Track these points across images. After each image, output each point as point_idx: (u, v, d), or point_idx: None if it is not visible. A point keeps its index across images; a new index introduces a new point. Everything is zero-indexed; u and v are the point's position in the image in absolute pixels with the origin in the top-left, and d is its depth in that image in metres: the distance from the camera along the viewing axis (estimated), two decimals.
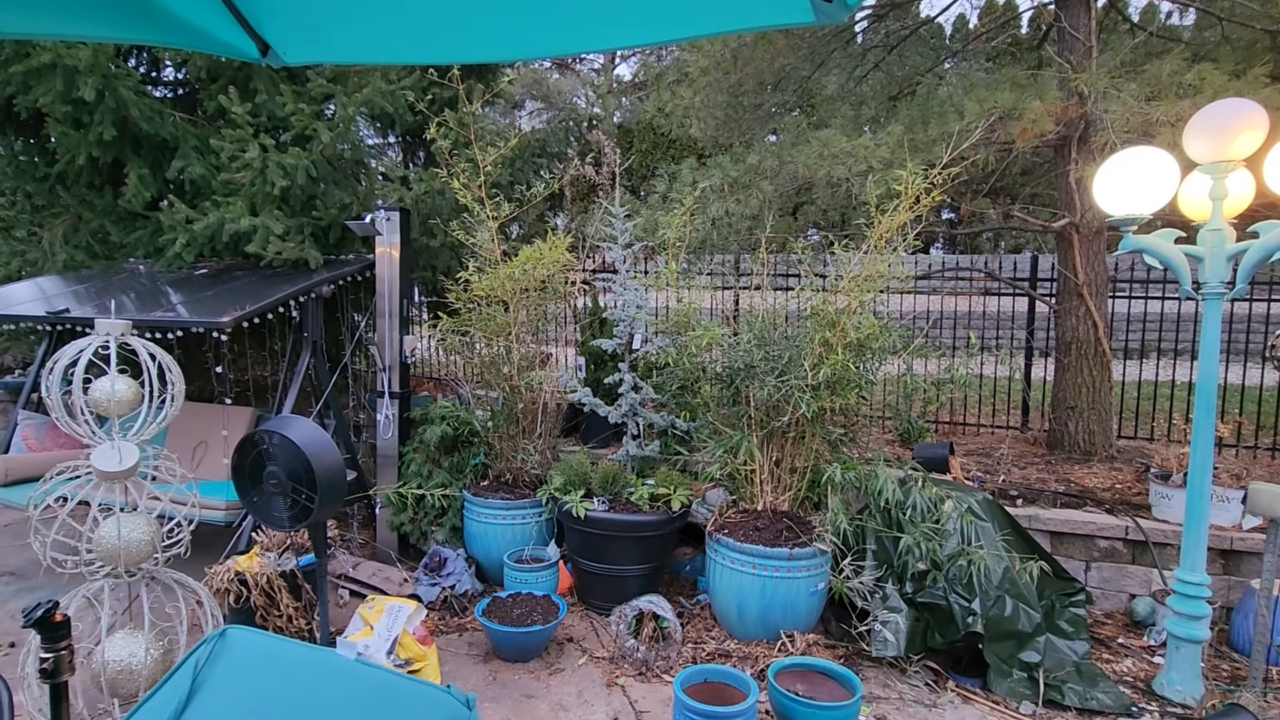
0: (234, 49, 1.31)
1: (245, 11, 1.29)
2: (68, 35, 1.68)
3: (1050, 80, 4.14)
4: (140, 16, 1.18)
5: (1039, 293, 5.40)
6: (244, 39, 1.33)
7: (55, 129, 4.35)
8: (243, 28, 1.32)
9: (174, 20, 1.22)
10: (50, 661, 1.27)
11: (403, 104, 4.57)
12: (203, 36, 1.27)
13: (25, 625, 1.29)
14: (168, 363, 2.62)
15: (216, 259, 4.82)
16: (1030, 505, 3.93)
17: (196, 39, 1.26)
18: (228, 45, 1.30)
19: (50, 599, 1.32)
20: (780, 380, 3.35)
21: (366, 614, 3.19)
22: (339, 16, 1.26)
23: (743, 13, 1.00)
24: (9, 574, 4.22)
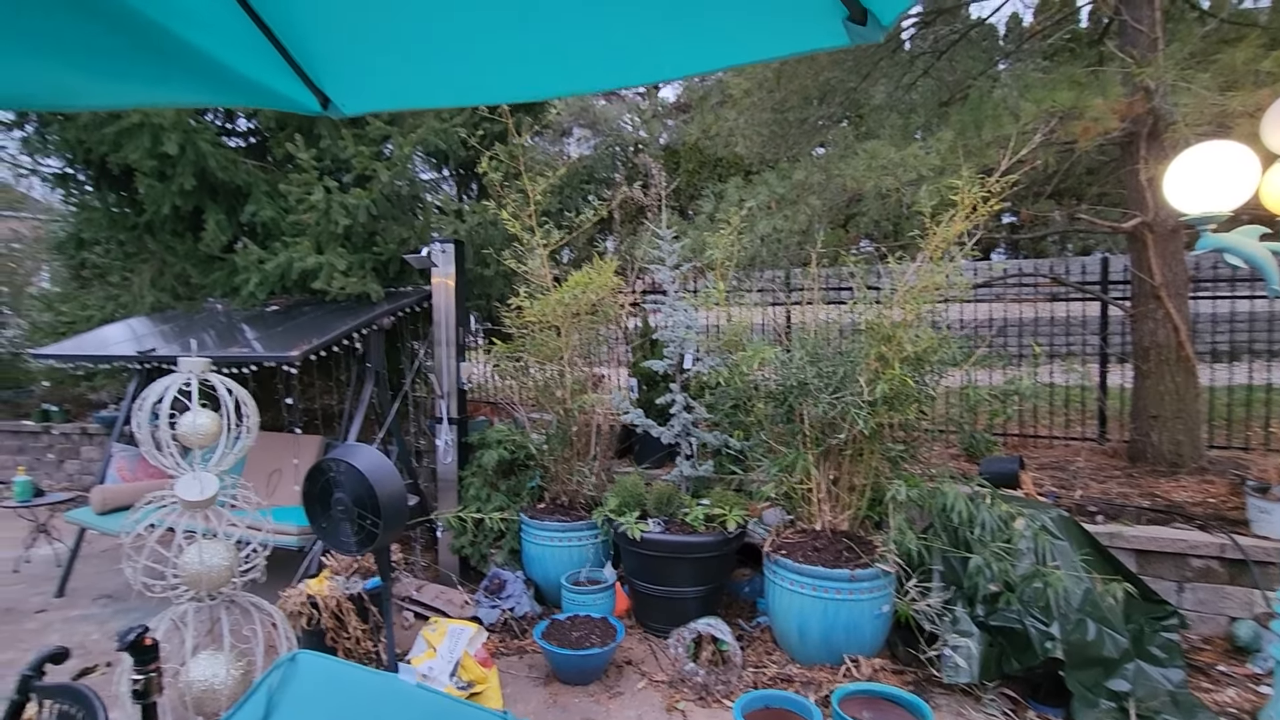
0: (298, 104, 1.40)
1: (306, 69, 1.39)
2: (152, 104, 1.83)
3: (1113, 76, 3.97)
4: (213, 81, 1.28)
5: (1112, 296, 5.13)
6: (306, 95, 1.43)
7: (143, 182, 4.72)
8: (305, 84, 1.41)
9: (243, 82, 1.32)
10: (141, 683, 1.35)
11: (455, 140, 4.76)
12: (270, 94, 1.36)
13: (119, 649, 1.38)
14: (243, 397, 2.77)
15: (286, 295, 5.10)
16: (1112, 522, 3.70)
17: (264, 97, 1.36)
18: (292, 101, 1.39)
19: (141, 624, 1.41)
20: (835, 397, 3.29)
21: (430, 636, 3.26)
22: (391, 68, 1.34)
23: (777, 41, 1.00)
24: (106, 596, 4.51)
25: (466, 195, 6.07)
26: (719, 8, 0.99)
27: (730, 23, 1.00)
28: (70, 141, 4.87)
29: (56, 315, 7.13)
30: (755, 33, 1.00)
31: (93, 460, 7.40)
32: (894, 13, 0.88)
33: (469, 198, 5.93)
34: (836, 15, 0.93)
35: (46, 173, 5.57)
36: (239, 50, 1.29)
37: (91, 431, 7.42)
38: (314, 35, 1.32)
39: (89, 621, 4.13)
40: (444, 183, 6.27)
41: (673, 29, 1.02)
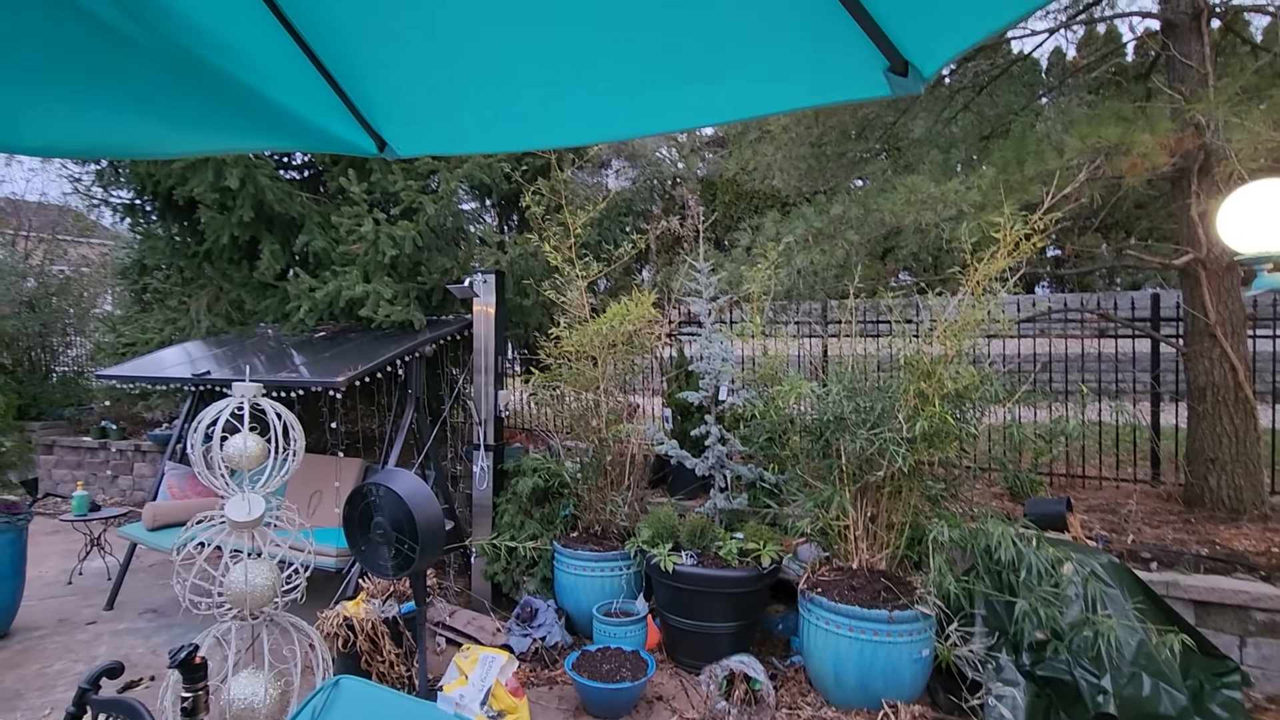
0: (356, 147, 1.49)
1: (365, 114, 1.47)
2: (225, 150, 1.96)
3: (1161, 111, 3.90)
4: (281, 127, 1.37)
5: (1163, 333, 4.96)
6: (365, 138, 1.51)
7: (205, 214, 4.98)
8: (363, 128, 1.50)
9: (308, 127, 1.41)
10: (190, 700, 1.40)
11: (499, 174, 4.92)
12: (331, 139, 1.45)
13: (170, 666, 1.43)
14: (291, 421, 2.87)
15: (333, 322, 5.27)
16: (1167, 570, 3.54)
17: (326, 142, 1.44)
18: (351, 144, 1.47)
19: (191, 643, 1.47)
20: (873, 433, 3.24)
21: (462, 663, 3.27)
22: (444, 114, 1.41)
23: (818, 91, 1.04)
24: (152, 611, 4.64)
25: (507, 226, 6.23)
26: (762, 60, 1.03)
27: (772, 73, 1.03)
28: (140, 175, 5.18)
29: (118, 337, 7.50)
30: (796, 83, 1.04)
31: (144, 477, 7.68)
32: (935, 65, 0.90)
33: (510, 229, 6.09)
34: (877, 66, 0.96)
35: (116, 203, 5.93)
36: (305, 98, 1.38)
37: (145, 449, 7.71)
38: (373, 83, 1.40)
39: (135, 635, 4.25)
40: (485, 214, 6.45)
41: (717, 79, 1.06)
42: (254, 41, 1.23)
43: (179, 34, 1.16)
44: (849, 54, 0.95)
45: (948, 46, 0.88)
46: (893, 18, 0.89)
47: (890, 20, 0.90)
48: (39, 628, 4.36)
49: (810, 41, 0.98)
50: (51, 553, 5.83)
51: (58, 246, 11.37)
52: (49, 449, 8.15)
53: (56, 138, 1.28)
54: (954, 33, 0.86)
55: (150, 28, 1.12)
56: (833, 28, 0.93)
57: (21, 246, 11.32)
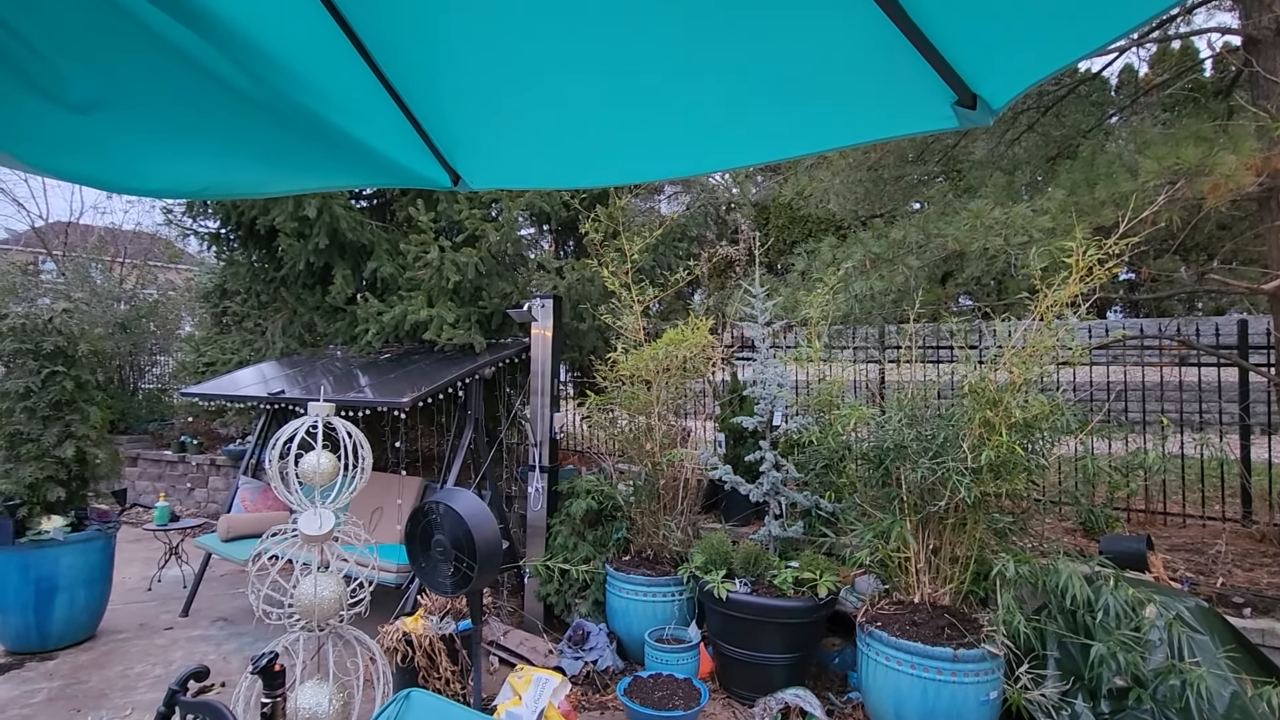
0: (433, 181, 1.57)
1: (442, 150, 1.56)
2: (310, 189, 2.10)
3: (1244, 129, 3.72)
4: (362, 164, 1.47)
5: (1252, 362, 4.66)
6: (440, 172, 1.60)
7: (284, 241, 5.28)
8: (440, 164, 1.58)
9: (389, 164, 1.50)
10: (269, 706, 1.47)
11: (557, 202, 5.06)
12: (410, 174, 1.54)
13: (253, 672, 1.51)
14: (360, 439, 2.99)
15: (398, 344, 5.48)
16: (1263, 617, 3.28)
17: (405, 177, 1.53)
18: (428, 179, 1.56)
19: (271, 651, 1.54)
20: (935, 462, 3.15)
21: (516, 684, 3.30)
22: (516, 150, 1.48)
23: (886, 124, 1.05)
24: (223, 619, 4.86)
25: (564, 251, 6.38)
26: (828, 95, 1.05)
27: (838, 109, 1.05)
28: (226, 206, 5.55)
29: (199, 356, 7.99)
30: (863, 118, 1.05)
31: (218, 490, 8.08)
32: (1005, 98, 0.90)
33: (566, 254, 6.23)
34: (945, 100, 0.97)
35: (203, 232, 6.36)
36: (388, 136, 1.48)
37: (219, 463, 8.13)
38: (450, 120, 1.49)
39: (207, 642, 4.45)
40: (543, 239, 6.63)
41: (782, 115, 1.09)
42: (343, 84, 1.33)
43: (279, 79, 1.26)
44: (916, 88, 0.96)
45: (1017, 81, 0.89)
46: (960, 52, 0.90)
47: (957, 54, 0.91)
48: (121, 631, 4.62)
49: (877, 76, 1.00)
50: (134, 560, 6.18)
51: (149, 272, 12.24)
52: (134, 461, 8.68)
53: (172, 181, 1.41)
54: (1023, 67, 0.86)
55: (254, 75, 1.23)
56: (899, 62, 0.95)
57: (117, 272, 12.22)
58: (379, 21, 1.15)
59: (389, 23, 1.15)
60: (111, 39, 1.01)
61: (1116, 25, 0.76)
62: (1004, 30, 0.84)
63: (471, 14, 1.12)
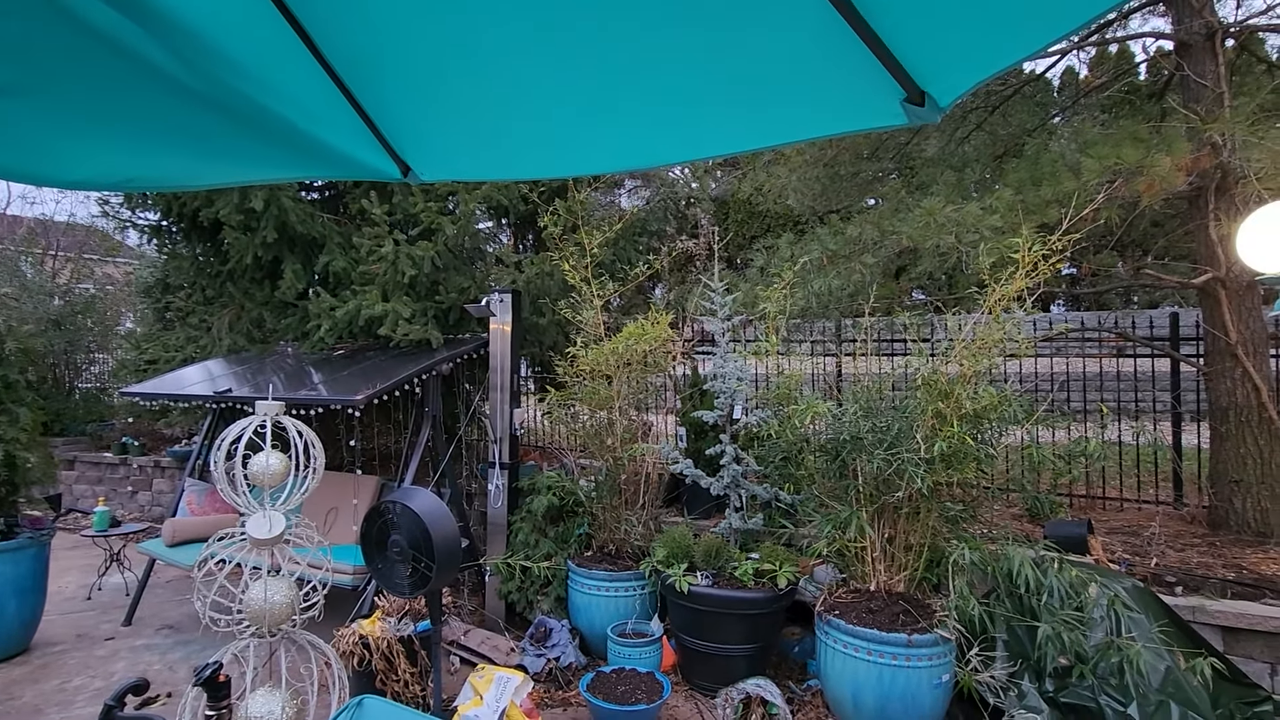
0: (381, 173, 1.53)
1: (390, 140, 1.51)
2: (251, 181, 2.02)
3: (1177, 131, 3.90)
4: (310, 156, 1.42)
5: (1183, 353, 4.90)
6: (389, 163, 1.55)
7: (230, 234, 5.08)
8: (388, 154, 1.54)
9: (335, 155, 1.45)
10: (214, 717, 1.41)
11: (516, 196, 4.99)
12: (357, 165, 1.49)
13: (195, 684, 1.45)
14: (312, 439, 2.91)
15: (352, 340, 5.34)
16: (1193, 595, 3.46)
17: (352, 169, 1.49)
18: (377, 170, 1.52)
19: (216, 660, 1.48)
20: (890, 453, 3.22)
21: (477, 683, 3.26)
22: (469, 141, 1.45)
23: (836, 120, 1.06)
24: (169, 627, 4.68)
25: (524, 245, 6.30)
26: (781, 90, 1.06)
27: (791, 104, 1.06)
28: (166, 197, 5.31)
29: (140, 354, 7.65)
30: (815, 113, 1.06)
31: (163, 493, 7.77)
32: (952, 96, 0.92)
33: (526, 248, 6.16)
34: (894, 96, 0.98)
35: (143, 224, 6.08)
36: (333, 126, 1.43)
37: (164, 465, 7.81)
38: (399, 110, 1.45)
39: (151, 651, 4.28)
40: (502, 233, 6.54)
41: (739, 109, 1.09)
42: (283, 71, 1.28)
43: (214, 67, 1.20)
44: (867, 84, 0.97)
45: (964, 79, 0.90)
46: (910, 50, 0.91)
47: (907, 52, 0.92)
48: (58, 643, 4.40)
49: (829, 72, 1.00)
50: (72, 568, 5.90)
51: (84, 266, 11.65)
52: (70, 464, 8.27)
53: (94, 172, 1.33)
54: (970, 65, 0.88)
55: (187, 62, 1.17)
56: (851, 59, 0.95)
57: (49, 266, 11.59)
58: (321, 5, 1.11)
59: (332, 7, 1.11)
60: (26, 21, 0.94)
61: (1058, 26, 0.78)
62: (951, 29, 0.86)
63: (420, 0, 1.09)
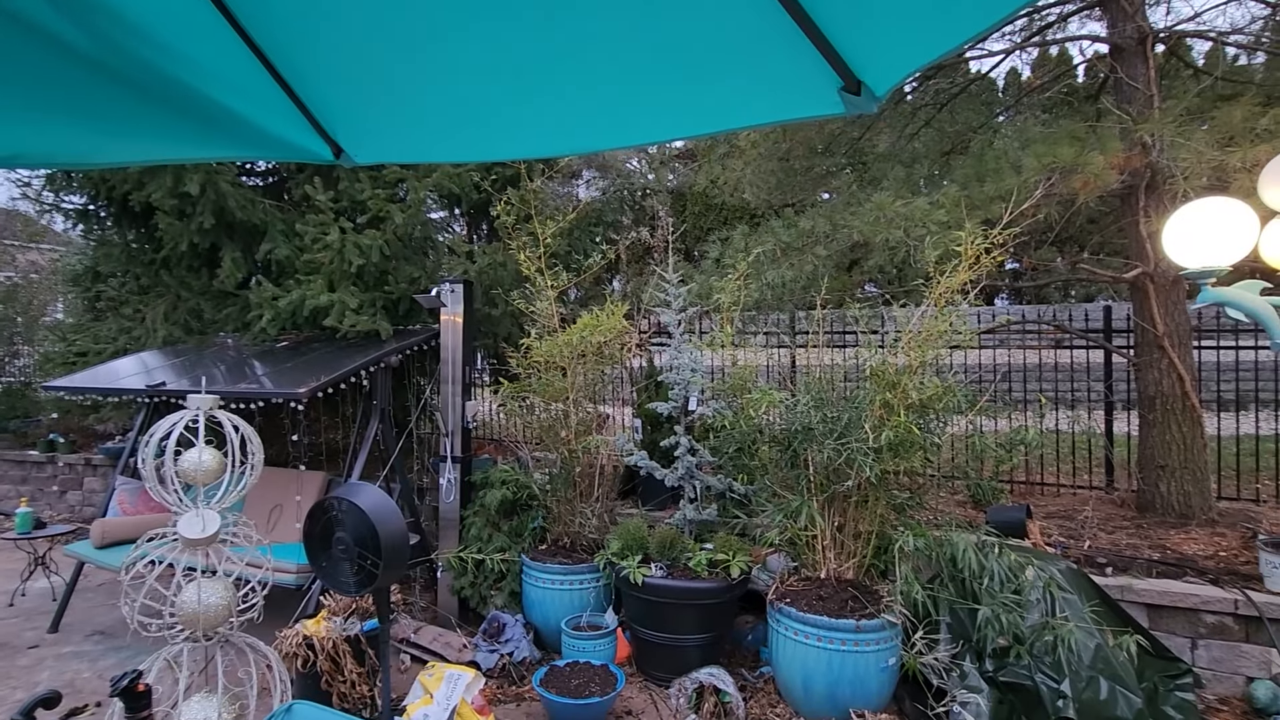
0: (311, 154, 1.46)
1: (320, 120, 1.44)
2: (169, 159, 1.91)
3: (1111, 131, 4.06)
4: (230, 135, 1.34)
5: (1115, 344, 5.13)
6: (320, 144, 1.48)
7: (163, 220, 4.84)
8: (319, 135, 1.47)
9: (259, 134, 1.38)
10: None
11: (468, 184, 4.88)
12: (285, 146, 1.42)
13: (112, 695, 1.37)
14: (249, 434, 2.79)
15: (296, 332, 5.16)
16: (1122, 575, 3.63)
17: (280, 149, 1.41)
18: (306, 151, 1.44)
19: (135, 669, 1.40)
20: (840, 443, 3.27)
21: (427, 682, 3.20)
22: (405, 121, 1.40)
23: (775, 108, 1.05)
24: (100, 633, 4.45)
25: (477, 236, 6.19)
26: (722, 77, 1.04)
27: (732, 90, 1.05)
28: (94, 180, 5.02)
29: (68, 346, 7.23)
30: (754, 101, 1.05)
31: (95, 492, 7.39)
32: (886, 86, 0.92)
33: (479, 238, 6.04)
34: (832, 85, 0.98)
35: (68, 208, 5.73)
36: (256, 104, 1.35)
37: (95, 463, 7.43)
38: (330, 88, 1.38)
39: (81, 659, 4.07)
40: (454, 223, 6.40)
41: (676, 97, 1.07)
42: (201, 45, 1.20)
43: (123, 37, 1.12)
44: (804, 72, 0.97)
45: (898, 68, 0.90)
46: (845, 38, 0.91)
47: (842, 40, 0.91)
48: None
49: (768, 60, 0.99)
50: None
51: (4, 252, 10.95)
52: None
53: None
54: (903, 55, 0.88)
55: (92, 30, 1.09)
56: (788, 46, 0.94)
57: None
58: None
59: None
60: None
61: (986, 17, 0.79)
62: (884, 18, 0.85)
63: None
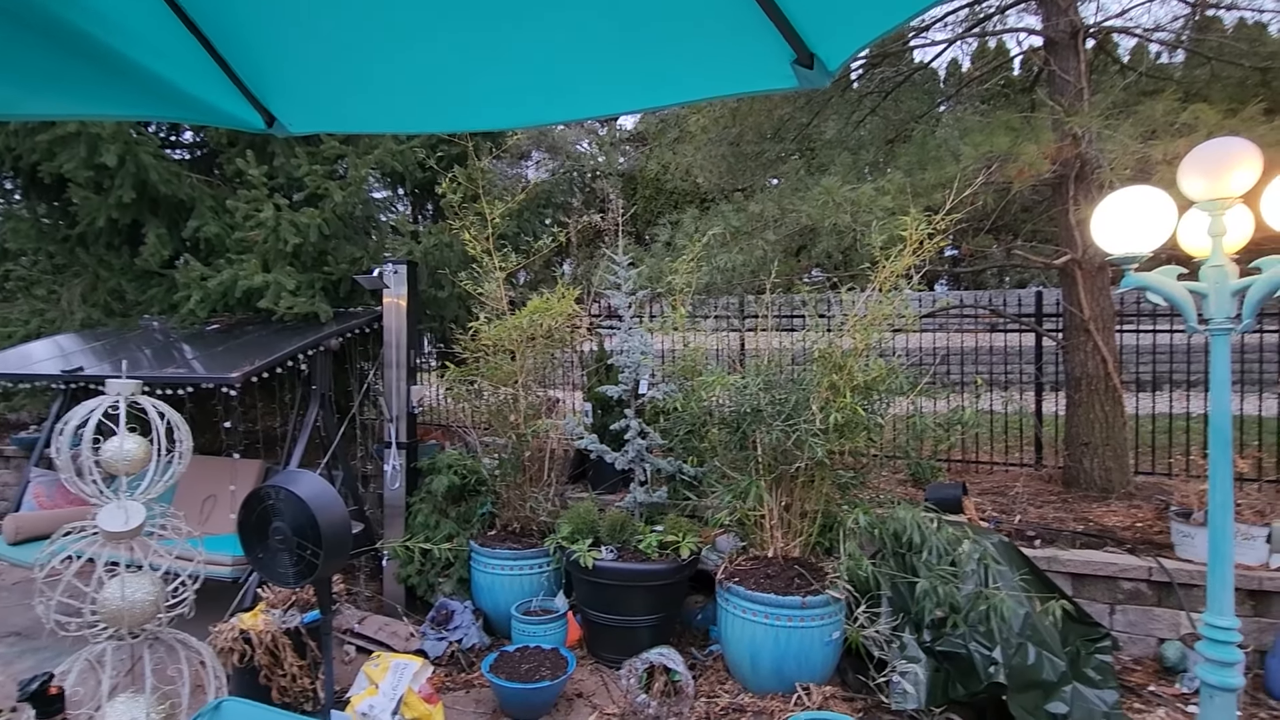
0: (241, 121, 1.37)
1: (250, 86, 1.35)
2: (82, 115, 1.77)
3: (1044, 122, 4.22)
4: (149, 95, 1.24)
5: (1045, 328, 5.37)
6: (250, 112, 1.39)
7: (77, 193, 4.51)
8: (249, 101, 1.38)
9: (183, 97, 1.28)
10: None
11: (412, 162, 4.71)
12: (211, 111, 1.32)
13: (20, 699, 1.28)
14: (176, 421, 2.64)
15: (229, 314, 4.91)
16: (1049, 546, 3.84)
17: (204, 114, 1.32)
18: (234, 118, 1.35)
19: (46, 672, 1.31)
20: (788, 425, 3.33)
21: (372, 672, 3.13)
22: (340, 90, 1.32)
23: (728, 81, 1.04)
24: (15, 634, 4.18)
25: (422, 216, 6.00)
26: (674, 48, 1.02)
27: (684, 62, 1.02)
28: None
29: None
30: (707, 73, 1.03)
31: (8, 485, 6.90)
32: (839, 59, 0.92)
33: (424, 218, 5.86)
34: (784, 58, 0.97)
35: None
36: (178, 65, 1.25)
37: (8, 454, 6.94)
38: (259, 52, 1.29)
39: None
40: (399, 203, 6.19)
41: (627, 68, 1.04)
42: None
43: None
44: (758, 45, 0.95)
45: (851, 40, 0.90)
46: (799, 9, 0.89)
47: (796, 12, 0.90)
48: None
49: (721, 31, 0.97)
50: None
51: None
52: None
53: None
54: (856, 27, 0.88)
55: None
56: (742, 18, 0.93)
57: None
58: None
59: None
60: None
61: None
62: None
63: None
